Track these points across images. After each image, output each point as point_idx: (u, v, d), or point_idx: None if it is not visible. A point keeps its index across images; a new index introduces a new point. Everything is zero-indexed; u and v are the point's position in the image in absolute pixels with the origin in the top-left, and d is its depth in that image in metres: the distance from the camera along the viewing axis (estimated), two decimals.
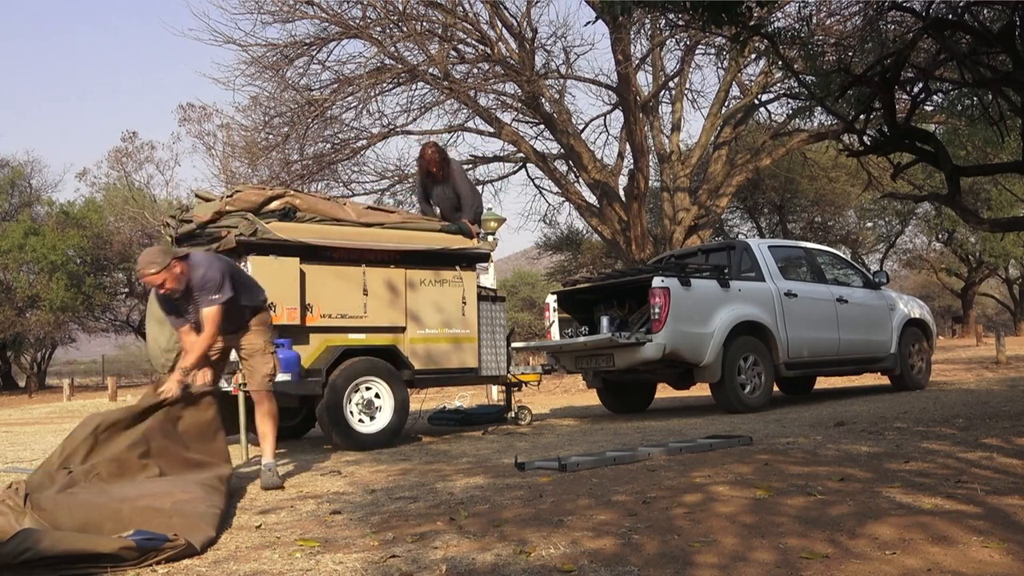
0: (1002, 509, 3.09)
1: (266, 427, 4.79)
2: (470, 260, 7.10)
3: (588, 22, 22.43)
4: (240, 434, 5.97)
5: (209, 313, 4.52)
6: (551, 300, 8.57)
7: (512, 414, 7.87)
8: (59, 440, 8.66)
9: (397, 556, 2.87)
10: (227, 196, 6.23)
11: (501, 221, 13.16)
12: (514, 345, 7.82)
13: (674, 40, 14.90)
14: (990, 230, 13.56)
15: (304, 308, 6.08)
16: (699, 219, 16.06)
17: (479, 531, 3.16)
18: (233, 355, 5.12)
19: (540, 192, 18.68)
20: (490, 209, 14.08)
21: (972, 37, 5.04)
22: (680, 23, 8.81)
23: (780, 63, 5.98)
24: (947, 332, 32.13)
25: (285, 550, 3.03)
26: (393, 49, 13.63)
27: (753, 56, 13.80)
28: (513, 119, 15.92)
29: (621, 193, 16.05)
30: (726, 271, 7.99)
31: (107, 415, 4.27)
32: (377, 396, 6.34)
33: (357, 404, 6.25)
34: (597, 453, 4.93)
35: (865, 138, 5.73)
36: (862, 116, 5.55)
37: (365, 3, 13.53)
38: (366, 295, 6.39)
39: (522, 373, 7.56)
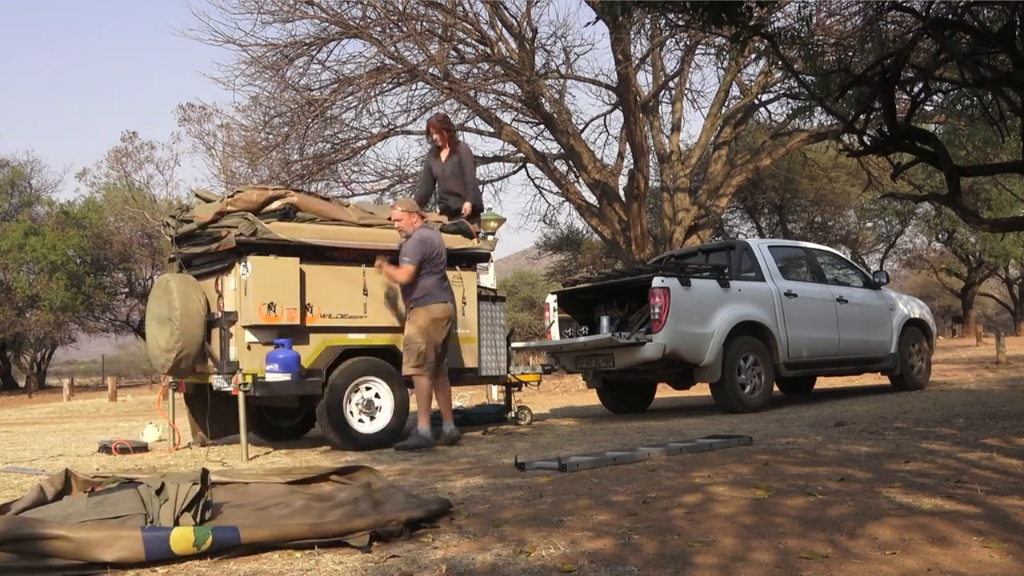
0: (1002, 509, 3.09)
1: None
2: (470, 260, 7.10)
3: (588, 22, 22.52)
4: (240, 434, 5.98)
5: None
6: (551, 300, 8.57)
7: (512, 414, 7.86)
8: (59, 440, 8.67)
9: (397, 556, 2.87)
10: (228, 196, 6.23)
11: (501, 221, 13.16)
12: (514, 345, 7.82)
13: (674, 40, 14.90)
14: (990, 230, 13.56)
15: (304, 308, 6.08)
16: (699, 219, 16.06)
17: (478, 531, 3.16)
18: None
19: (540, 192, 18.69)
20: (490, 209, 14.08)
21: (972, 37, 5.04)
22: (680, 23, 8.80)
23: (780, 63, 5.98)
24: (947, 332, 32.13)
25: (285, 550, 3.03)
26: (393, 49, 13.63)
27: (753, 56, 13.81)
28: (513, 119, 15.92)
29: (621, 193, 16.05)
30: (726, 271, 7.99)
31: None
32: (377, 396, 6.34)
33: (357, 404, 6.25)
34: (597, 453, 4.93)
35: (865, 138, 5.73)
36: (862, 116, 5.54)
37: (365, 3, 13.54)
38: (366, 295, 6.39)
39: (522, 373, 7.56)
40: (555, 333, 8.41)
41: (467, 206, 7.51)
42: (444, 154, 7.68)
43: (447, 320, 6.22)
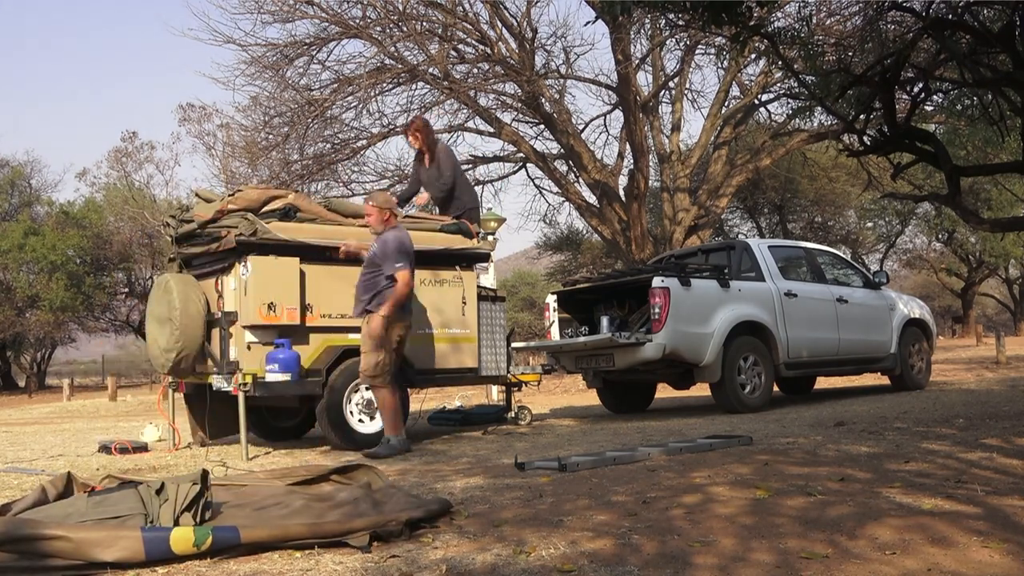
0: (1002, 510, 3.09)
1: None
2: (470, 260, 7.10)
3: (588, 22, 22.47)
4: (240, 434, 5.98)
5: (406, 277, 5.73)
6: (551, 300, 8.57)
7: (512, 414, 7.86)
8: (59, 440, 8.66)
9: (396, 556, 2.87)
10: (228, 196, 6.24)
11: (501, 221, 13.16)
12: (514, 345, 7.82)
13: (674, 40, 14.90)
14: (990, 230, 13.55)
15: (304, 308, 6.08)
16: (699, 219, 16.06)
17: (478, 531, 3.16)
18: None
19: (540, 192, 18.69)
20: (490, 209, 14.08)
21: (972, 37, 5.04)
22: (680, 23, 8.79)
23: (780, 63, 5.98)
24: (947, 332, 32.12)
25: (285, 550, 3.03)
26: (393, 49, 13.63)
27: (753, 56, 13.81)
28: (513, 119, 15.92)
29: (621, 193, 16.05)
30: (726, 271, 7.99)
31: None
32: None
33: (357, 404, 6.25)
34: (597, 453, 4.93)
35: (865, 138, 5.73)
36: (862, 116, 5.54)
37: (365, 3, 13.53)
38: None
39: (522, 373, 7.56)
40: (555, 333, 8.41)
41: (423, 196, 7.27)
42: (427, 159, 7.50)
43: (406, 331, 5.94)
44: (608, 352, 7.65)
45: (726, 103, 16.22)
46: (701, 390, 9.11)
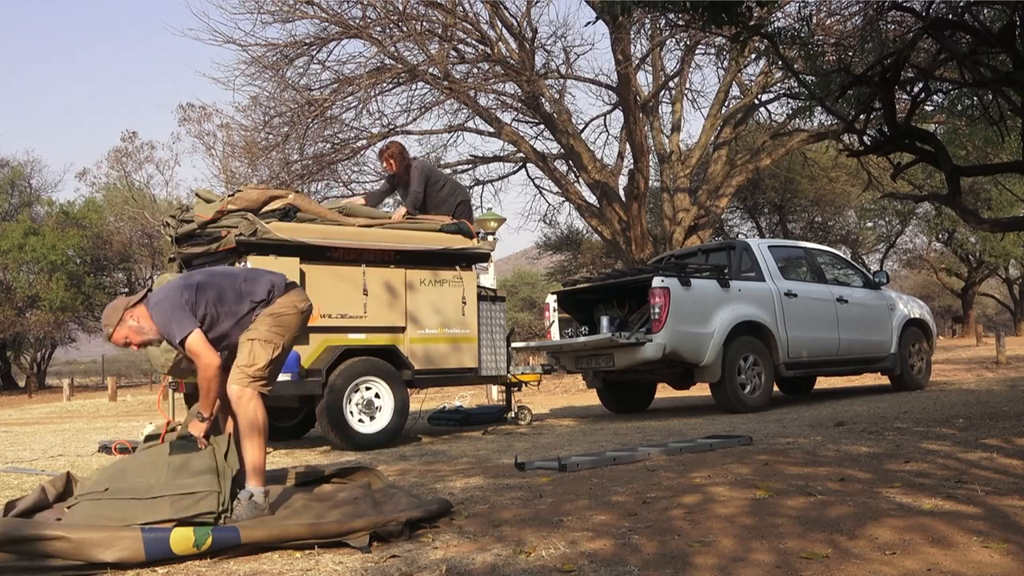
0: (1002, 510, 3.09)
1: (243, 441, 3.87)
2: (469, 260, 7.10)
3: (588, 22, 22.37)
4: None
5: (190, 353, 3.65)
6: (551, 300, 8.57)
7: (512, 414, 7.86)
8: (59, 440, 8.66)
9: (396, 556, 2.87)
10: (228, 196, 6.24)
11: (501, 221, 13.15)
12: (514, 345, 7.82)
13: (674, 40, 14.90)
14: (990, 230, 13.56)
15: None
16: (699, 219, 16.06)
17: (478, 531, 3.16)
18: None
19: (540, 192, 18.70)
20: (490, 209, 14.08)
21: (972, 37, 5.04)
22: (680, 23, 8.80)
23: (780, 63, 5.98)
24: (947, 332, 32.12)
25: (285, 550, 3.03)
26: (393, 49, 13.63)
27: (753, 56, 13.79)
28: (513, 119, 15.94)
29: (621, 193, 16.05)
30: (726, 271, 7.99)
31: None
32: (377, 396, 6.34)
33: (357, 404, 6.25)
34: (597, 453, 4.93)
35: (865, 138, 5.73)
36: (862, 116, 5.55)
37: (365, 3, 13.53)
38: (366, 295, 6.39)
39: (522, 373, 7.56)
40: (555, 333, 8.41)
41: (400, 211, 7.13)
42: (399, 180, 7.42)
43: None
44: (608, 352, 7.65)
45: (726, 103, 16.22)
46: (701, 390, 9.11)
